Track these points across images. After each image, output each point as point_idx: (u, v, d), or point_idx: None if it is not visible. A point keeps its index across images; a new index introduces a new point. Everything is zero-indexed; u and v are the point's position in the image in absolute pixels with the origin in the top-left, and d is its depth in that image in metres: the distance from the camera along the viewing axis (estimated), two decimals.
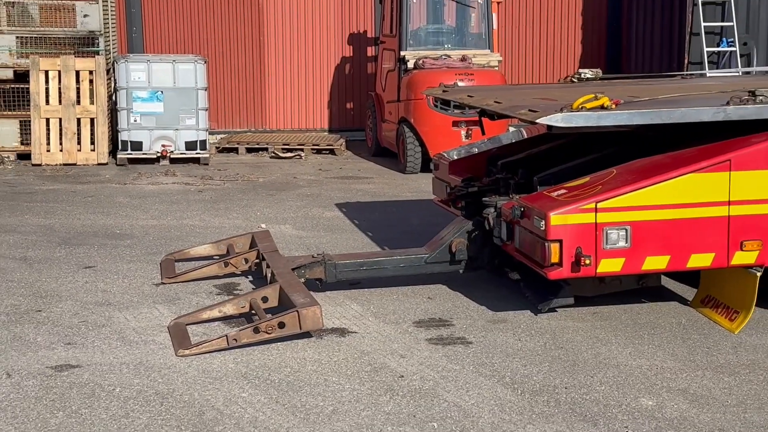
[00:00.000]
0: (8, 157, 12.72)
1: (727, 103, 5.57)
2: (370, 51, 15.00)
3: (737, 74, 11.99)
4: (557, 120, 5.42)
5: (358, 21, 15.22)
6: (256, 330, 5.35)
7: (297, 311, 5.37)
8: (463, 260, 6.41)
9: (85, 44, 12.84)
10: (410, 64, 12.18)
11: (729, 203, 5.46)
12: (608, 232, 5.38)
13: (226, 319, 5.83)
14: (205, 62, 12.85)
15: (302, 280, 6.11)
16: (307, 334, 5.51)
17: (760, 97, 5.60)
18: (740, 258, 5.52)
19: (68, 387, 4.82)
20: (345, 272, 6.36)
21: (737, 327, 5.64)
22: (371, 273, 6.43)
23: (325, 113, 15.40)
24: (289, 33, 15.14)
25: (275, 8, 15.03)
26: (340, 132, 15.05)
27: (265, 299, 5.80)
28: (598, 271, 5.44)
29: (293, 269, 6.19)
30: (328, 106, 15.39)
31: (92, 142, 12.56)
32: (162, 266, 7.03)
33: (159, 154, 12.59)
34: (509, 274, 6.29)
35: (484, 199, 6.32)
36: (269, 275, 6.19)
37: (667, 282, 6.51)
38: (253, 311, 5.76)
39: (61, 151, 12.49)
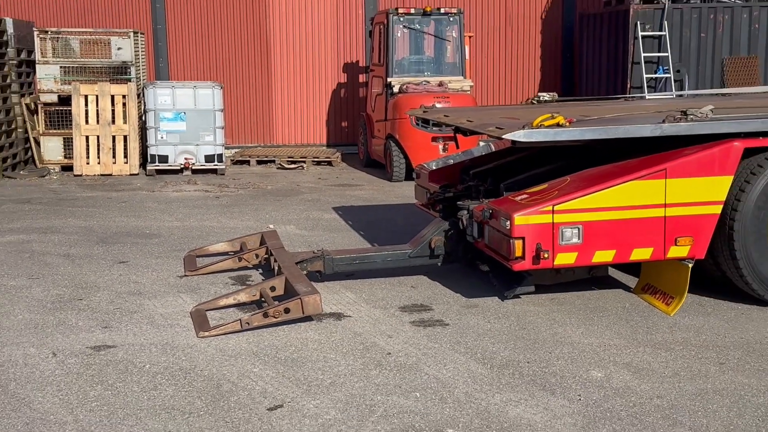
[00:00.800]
0: (54, 169, 12.72)
1: (663, 122, 5.59)
2: (362, 78, 15.02)
3: (672, 97, 12.04)
4: (520, 136, 5.44)
5: (352, 52, 15.23)
6: (266, 315, 5.35)
7: (300, 299, 5.36)
8: (441, 255, 6.41)
9: (119, 72, 12.81)
10: (395, 89, 12.19)
11: (665, 206, 5.48)
12: (563, 230, 5.39)
13: (239, 305, 5.82)
14: (221, 87, 12.82)
15: (304, 272, 6.11)
16: (308, 318, 5.51)
17: (691, 116, 5.62)
18: (675, 252, 5.54)
19: (105, 364, 4.81)
20: (341, 265, 6.36)
21: (673, 310, 5.66)
22: (363, 266, 6.43)
23: (323, 130, 15.40)
24: (293, 62, 15.13)
25: (281, 41, 15.04)
26: (336, 146, 15.04)
27: (273, 289, 5.79)
28: (555, 263, 5.45)
29: (297, 263, 6.19)
30: (326, 125, 15.39)
31: (125, 156, 12.54)
32: (185, 261, 7.01)
33: (182, 166, 12.57)
34: (480, 267, 6.29)
35: (458, 203, 6.33)
36: (276, 268, 6.18)
37: (613, 272, 6.53)
38: (263, 299, 5.76)
39: (98, 163, 12.47)
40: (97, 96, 12.40)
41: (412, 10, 12.59)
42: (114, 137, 12.50)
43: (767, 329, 5.39)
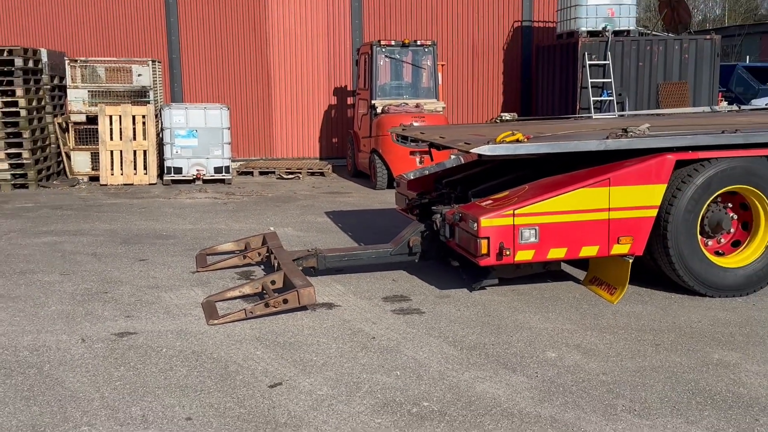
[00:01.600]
0: (82, 179, 12.64)
1: (607, 138, 5.62)
2: (350, 100, 15.02)
3: (614, 116, 12.12)
4: (485, 150, 5.45)
5: (341, 78, 15.23)
6: (267, 305, 5.33)
7: (297, 291, 5.35)
8: (418, 253, 6.41)
9: (139, 96, 12.75)
10: (379, 110, 12.20)
11: (609, 209, 5.51)
12: (522, 231, 5.41)
13: (244, 297, 5.80)
14: (228, 108, 12.78)
15: (300, 268, 6.10)
16: (304, 308, 5.50)
17: (630, 133, 5.67)
18: (617, 249, 5.57)
19: (127, 348, 4.78)
20: (332, 262, 6.35)
21: (616, 299, 5.70)
22: (351, 262, 6.42)
23: (317, 145, 15.38)
24: (291, 87, 15.11)
25: (280, 69, 15.02)
26: (328, 159, 15.03)
27: (273, 282, 5.78)
28: (515, 259, 5.47)
29: (294, 260, 6.18)
30: (319, 140, 15.37)
31: (145, 168, 12.47)
32: (197, 259, 6.99)
33: (194, 177, 12.51)
34: (451, 262, 6.30)
35: (432, 208, 6.34)
36: (276, 265, 6.17)
37: (565, 267, 6.56)
38: (264, 291, 5.74)
39: (121, 174, 12.40)
40: (120, 116, 12.34)
41: (393, 42, 12.62)
42: (135, 152, 12.43)
43: (696, 315, 5.43)
